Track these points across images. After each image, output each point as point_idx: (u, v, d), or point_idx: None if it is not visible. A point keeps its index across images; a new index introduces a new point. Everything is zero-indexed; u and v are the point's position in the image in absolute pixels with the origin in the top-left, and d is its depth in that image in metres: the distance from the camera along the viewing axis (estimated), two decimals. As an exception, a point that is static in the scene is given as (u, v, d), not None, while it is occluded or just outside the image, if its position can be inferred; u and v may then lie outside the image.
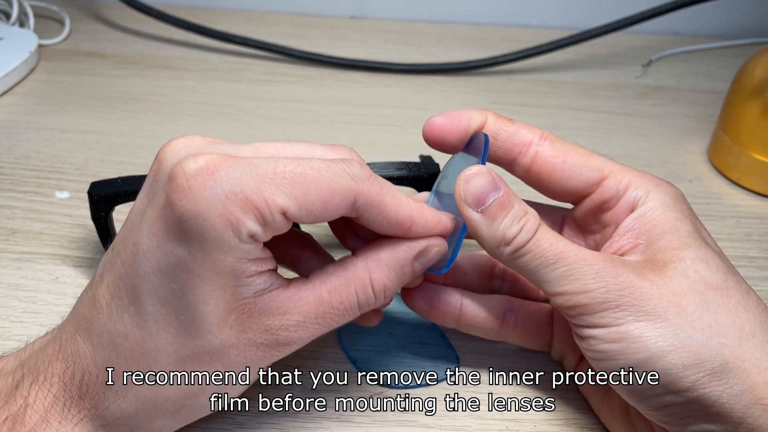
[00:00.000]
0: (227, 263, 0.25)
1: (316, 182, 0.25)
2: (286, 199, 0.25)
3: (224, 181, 0.24)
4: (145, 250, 0.25)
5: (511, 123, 0.31)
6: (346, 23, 0.70)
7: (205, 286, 0.25)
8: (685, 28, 0.70)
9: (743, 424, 0.25)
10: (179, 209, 0.24)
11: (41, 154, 0.48)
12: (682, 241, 0.28)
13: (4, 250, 0.40)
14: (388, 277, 0.28)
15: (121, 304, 0.26)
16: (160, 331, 0.26)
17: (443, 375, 0.34)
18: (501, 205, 0.28)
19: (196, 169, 0.24)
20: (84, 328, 0.27)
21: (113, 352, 0.26)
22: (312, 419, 0.32)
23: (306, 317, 0.27)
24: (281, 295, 0.26)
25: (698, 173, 0.50)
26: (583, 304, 0.27)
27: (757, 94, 0.46)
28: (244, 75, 0.60)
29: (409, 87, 0.59)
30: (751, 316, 0.27)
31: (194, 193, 0.24)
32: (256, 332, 0.26)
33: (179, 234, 0.24)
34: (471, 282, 0.35)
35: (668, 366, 0.26)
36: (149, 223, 0.25)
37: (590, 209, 0.31)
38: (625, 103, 0.58)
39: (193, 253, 0.25)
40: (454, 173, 0.31)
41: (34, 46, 0.59)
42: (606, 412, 0.31)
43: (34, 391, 0.26)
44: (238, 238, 0.24)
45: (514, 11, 0.70)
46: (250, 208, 0.24)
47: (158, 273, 0.25)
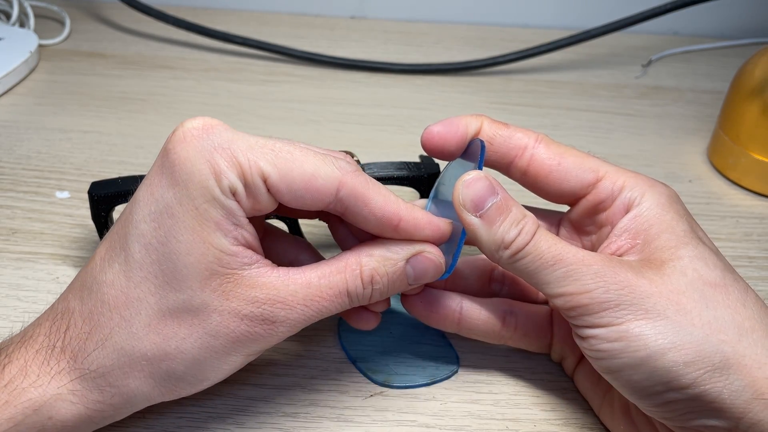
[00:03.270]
0: (210, 215, 0.26)
1: (301, 161, 0.27)
2: (268, 166, 0.26)
3: (216, 136, 0.26)
4: (139, 200, 0.27)
5: (506, 127, 0.31)
6: (346, 23, 0.70)
7: (187, 234, 0.26)
8: (685, 28, 0.70)
9: (744, 419, 0.26)
10: (172, 155, 0.26)
11: (41, 154, 0.48)
12: (679, 240, 0.28)
13: (4, 250, 0.40)
14: (377, 269, 0.28)
15: (113, 254, 0.27)
16: (144, 280, 0.26)
17: (443, 375, 0.34)
18: (499, 209, 0.28)
19: (194, 126, 0.27)
20: (77, 286, 0.28)
21: (98, 301, 0.27)
22: (312, 419, 0.32)
23: (294, 297, 0.27)
24: (269, 273, 0.27)
25: (698, 173, 0.50)
26: (583, 304, 0.27)
27: (757, 94, 0.46)
28: (244, 75, 0.60)
29: (409, 87, 0.59)
30: (750, 312, 0.27)
31: (188, 142, 0.26)
32: (241, 302, 0.27)
33: (169, 179, 0.26)
34: (470, 286, 0.35)
35: (669, 363, 0.26)
36: (148, 178, 0.27)
37: (586, 210, 0.31)
38: (625, 103, 0.58)
39: (179, 197, 0.26)
40: (451, 180, 0.31)
41: (34, 46, 0.59)
42: (606, 412, 0.31)
43: (19, 347, 0.27)
44: (220, 189, 0.26)
45: (514, 11, 0.70)
46: (234, 163, 0.26)
47: (147, 219, 0.26)
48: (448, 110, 0.56)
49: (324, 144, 0.50)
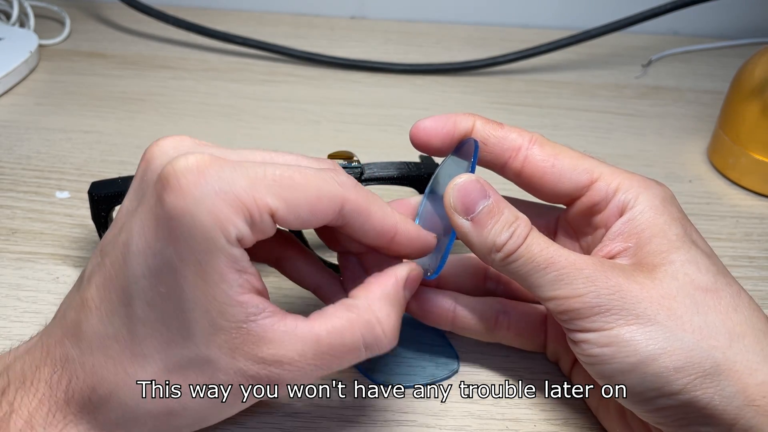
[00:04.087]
0: (214, 267, 0.24)
1: (304, 186, 0.25)
2: (276, 201, 0.24)
3: (215, 179, 0.24)
4: (135, 251, 0.25)
5: (500, 127, 0.31)
6: (346, 23, 0.70)
7: (190, 290, 0.24)
8: (685, 28, 0.70)
9: (736, 426, 0.25)
10: (169, 207, 0.24)
11: (41, 154, 0.48)
12: (671, 244, 0.28)
13: (4, 250, 0.40)
14: (393, 314, 0.27)
15: (111, 307, 0.26)
16: (149, 336, 0.25)
17: (443, 375, 0.34)
18: (490, 212, 0.28)
19: (186, 167, 0.24)
20: (72, 332, 0.26)
21: (102, 356, 0.26)
22: (312, 419, 0.32)
23: (302, 357, 0.25)
24: (276, 326, 0.25)
25: (698, 173, 0.50)
26: (574, 308, 0.27)
27: (757, 94, 0.46)
28: (244, 75, 0.60)
29: (409, 87, 0.59)
30: (742, 317, 0.27)
31: (184, 191, 0.24)
32: (248, 361, 0.25)
33: (168, 233, 0.24)
34: (464, 284, 0.35)
35: (659, 369, 0.26)
36: (139, 224, 0.25)
37: (581, 212, 0.31)
38: (625, 103, 0.58)
39: (179, 253, 0.24)
40: (445, 178, 0.31)
41: (34, 46, 0.59)
42: (603, 413, 0.31)
43: (20, 396, 0.26)
44: (226, 238, 0.24)
45: (514, 11, 0.70)
46: (240, 207, 0.24)
47: (147, 275, 0.25)
48: (448, 110, 0.55)
49: (324, 144, 0.51)
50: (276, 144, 0.50)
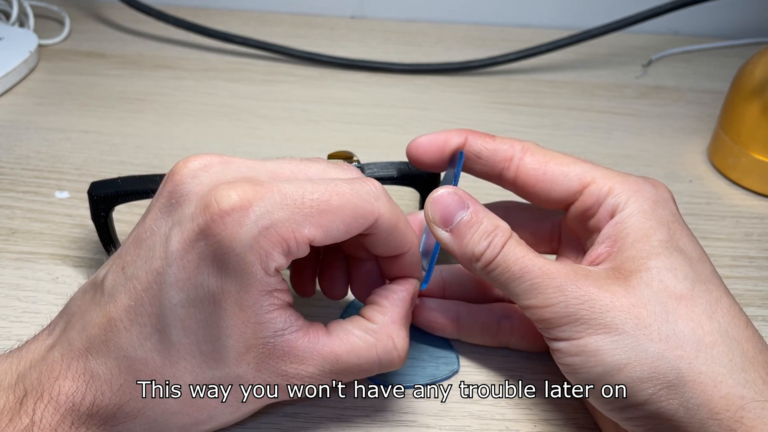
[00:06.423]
0: (250, 296, 0.26)
1: (341, 209, 0.26)
2: (313, 230, 0.26)
3: (257, 216, 0.25)
4: (173, 282, 0.25)
5: (492, 139, 0.31)
6: (346, 23, 0.70)
7: (229, 319, 0.26)
8: (685, 28, 0.70)
9: None
10: (214, 244, 0.25)
11: (41, 154, 0.48)
12: (651, 250, 0.28)
13: (4, 250, 0.40)
14: (406, 335, 0.29)
15: (144, 331, 0.26)
16: (181, 360, 0.26)
17: (443, 375, 0.34)
18: (468, 223, 0.28)
19: (231, 205, 0.25)
20: (97, 349, 0.26)
21: (131, 377, 0.26)
22: (312, 419, 0.31)
23: (321, 372, 0.28)
24: (299, 342, 0.27)
25: (698, 173, 0.50)
26: (545, 318, 0.27)
27: (757, 94, 0.46)
28: (244, 75, 0.60)
29: (409, 87, 0.59)
30: (716, 326, 0.26)
31: (229, 230, 0.25)
32: (272, 374, 0.27)
33: (211, 268, 0.25)
34: (469, 292, 0.35)
35: (625, 379, 0.25)
36: (179, 254, 0.25)
37: (576, 216, 0.31)
38: (625, 103, 0.58)
39: (221, 286, 0.25)
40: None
41: (34, 46, 0.59)
42: (599, 415, 0.31)
43: (40, 409, 0.26)
44: (265, 272, 0.25)
45: (514, 11, 0.70)
46: (280, 242, 0.25)
47: (186, 304, 0.25)
48: (448, 110, 0.56)
49: (324, 144, 0.51)
50: (276, 144, 0.50)
